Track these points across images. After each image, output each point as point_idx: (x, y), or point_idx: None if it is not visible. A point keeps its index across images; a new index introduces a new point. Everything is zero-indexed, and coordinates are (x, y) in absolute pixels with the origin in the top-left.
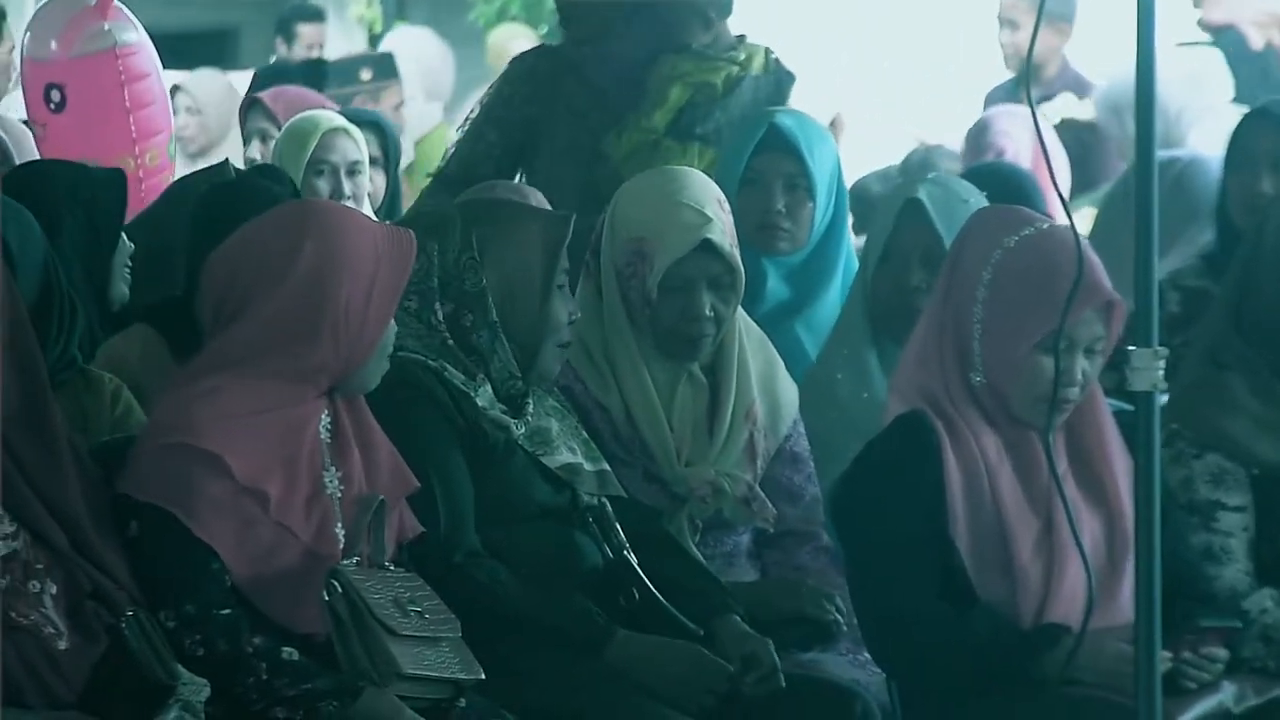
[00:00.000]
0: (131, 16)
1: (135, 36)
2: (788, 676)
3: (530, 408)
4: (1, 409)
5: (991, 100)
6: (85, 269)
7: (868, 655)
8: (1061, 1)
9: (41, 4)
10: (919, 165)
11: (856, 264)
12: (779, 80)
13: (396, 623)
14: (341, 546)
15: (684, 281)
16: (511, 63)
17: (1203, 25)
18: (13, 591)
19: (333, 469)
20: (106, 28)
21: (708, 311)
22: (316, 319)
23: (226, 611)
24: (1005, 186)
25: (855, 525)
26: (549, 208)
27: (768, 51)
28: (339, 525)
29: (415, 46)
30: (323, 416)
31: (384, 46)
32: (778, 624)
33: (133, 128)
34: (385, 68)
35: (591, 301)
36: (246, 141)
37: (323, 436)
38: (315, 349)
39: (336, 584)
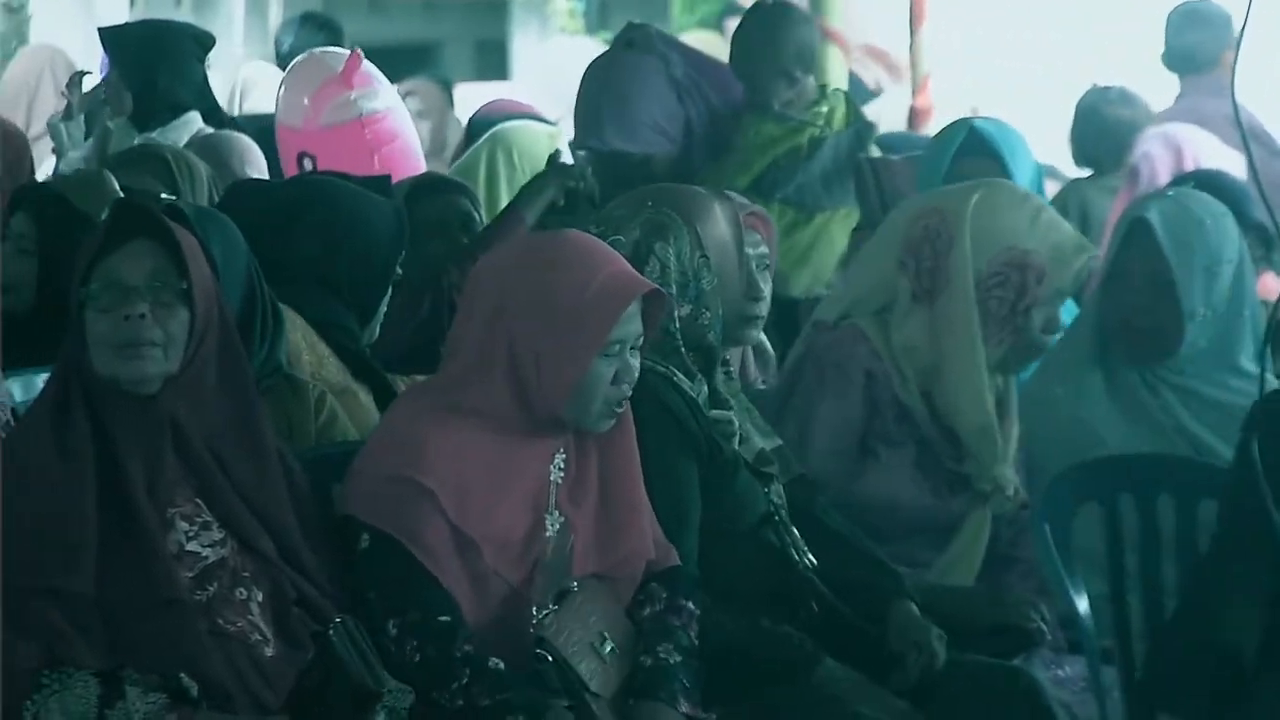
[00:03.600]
0: (379, 78)
1: (382, 103)
2: (954, 661)
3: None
4: (211, 418)
5: None
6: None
7: (1068, 670)
8: None
9: (293, 66)
10: (1088, 109)
11: None
12: (859, 132)
13: (600, 679)
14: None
15: (1057, 296)
16: None
17: None
18: (221, 598)
19: (556, 513)
20: (352, 97)
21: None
22: (494, 358)
23: (445, 619)
24: (1217, 197)
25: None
26: None
27: (848, 99)
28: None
29: (559, 56)
30: (557, 457)
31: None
32: (980, 633)
33: None
34: None
35: (906, 294)
36: None
37: (553, 478)
38: (494, 389)
39: (547, 654)
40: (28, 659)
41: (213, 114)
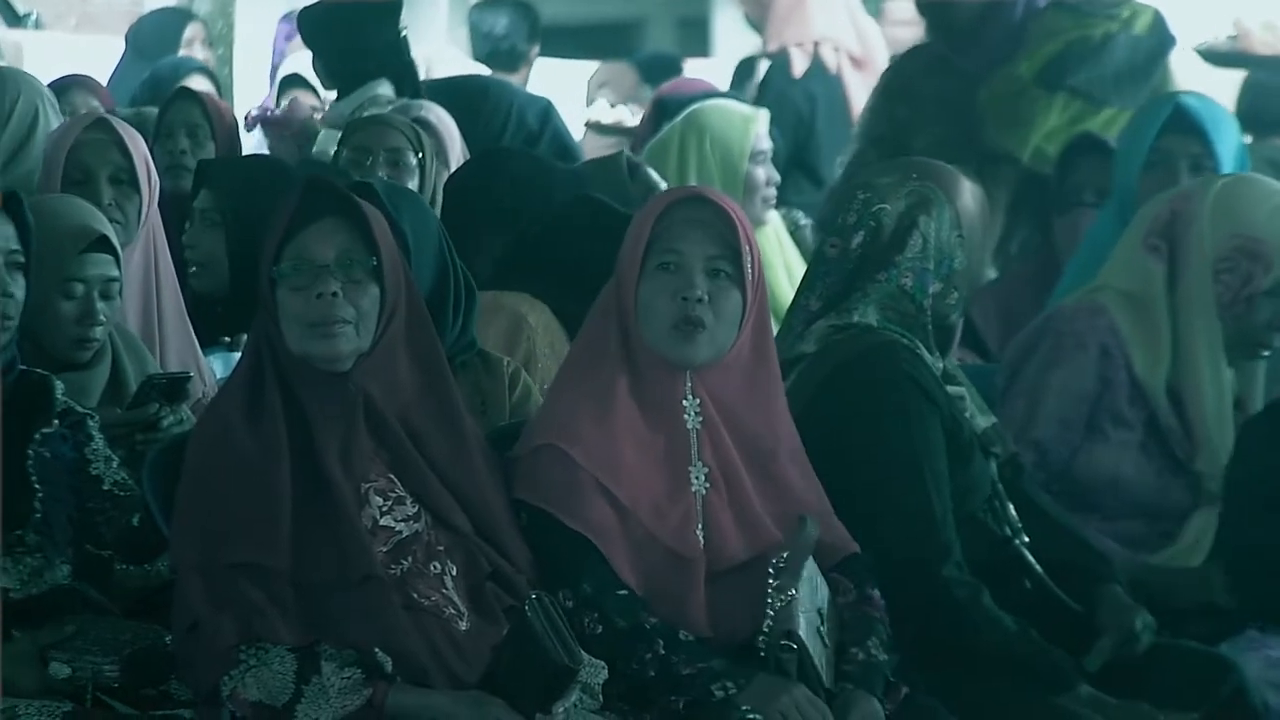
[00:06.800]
0: None
1: None
2: (1157, 645)
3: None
4: (403, 394)
5: None
6: None
7: (1278, 651)
8: None
9: None
10: (1260, 73)
11: None
12: (1160, 42)
13: (827, 668)
14: (777, 574)
15: None
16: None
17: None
18: (415, 573)
19: (699, 464)
20: None
21: None
22: (607, 302)
23: (624, 592)
24: None
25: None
26: None
27: (1156, 13)
28: (699, 527)
29: None
30: (687, 402)
31: None
32: (1185, 613)
33: None
34: None
35: (1155, 277)
36: None
37: (690, 425)
38: (609, 334)
39: (793, 644)
40: (226, 634)
41: (406, 80)
